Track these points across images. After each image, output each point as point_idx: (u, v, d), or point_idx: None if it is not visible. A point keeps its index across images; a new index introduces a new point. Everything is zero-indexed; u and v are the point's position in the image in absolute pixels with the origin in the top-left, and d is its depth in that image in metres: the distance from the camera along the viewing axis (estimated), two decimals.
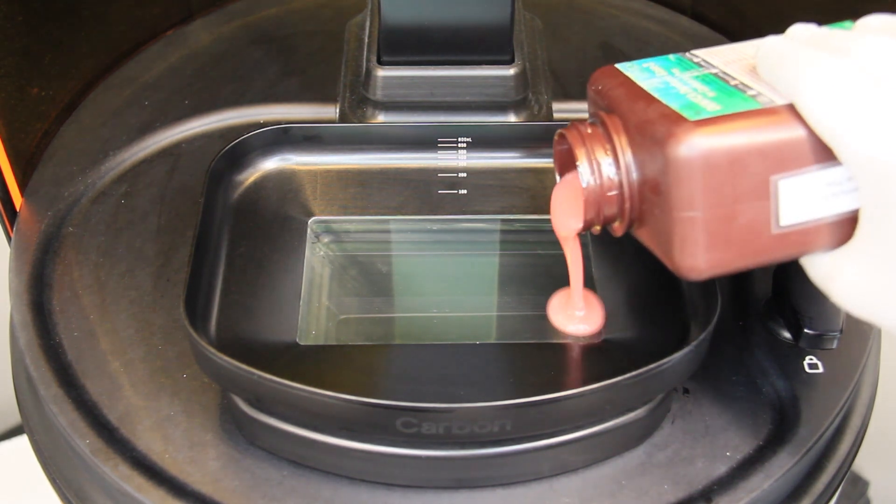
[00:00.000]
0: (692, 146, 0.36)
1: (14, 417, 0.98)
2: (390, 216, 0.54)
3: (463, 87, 0.58)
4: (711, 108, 0.38)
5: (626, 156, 0.40)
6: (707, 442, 0.47)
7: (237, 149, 0.54)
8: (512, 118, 0.58)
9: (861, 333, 0.51)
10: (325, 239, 0.54)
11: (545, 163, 0.56)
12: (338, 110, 0.60)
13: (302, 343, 0.48)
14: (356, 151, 0.56)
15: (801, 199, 0.38)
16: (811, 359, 0.50)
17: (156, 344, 0.50)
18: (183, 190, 0.57)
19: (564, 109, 0.60)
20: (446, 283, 0.56)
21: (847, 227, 0.38)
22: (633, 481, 0.45)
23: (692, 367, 0.44)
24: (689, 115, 0.37)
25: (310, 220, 0.53)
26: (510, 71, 0.58)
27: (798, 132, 0.37)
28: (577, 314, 0.49)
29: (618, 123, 0.40)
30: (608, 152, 0.40)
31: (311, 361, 0.47)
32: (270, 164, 0.55)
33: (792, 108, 0.37)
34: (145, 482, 0.45)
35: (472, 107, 0.58)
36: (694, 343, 0.43)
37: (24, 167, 0.59)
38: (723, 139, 0.37)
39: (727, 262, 0.39)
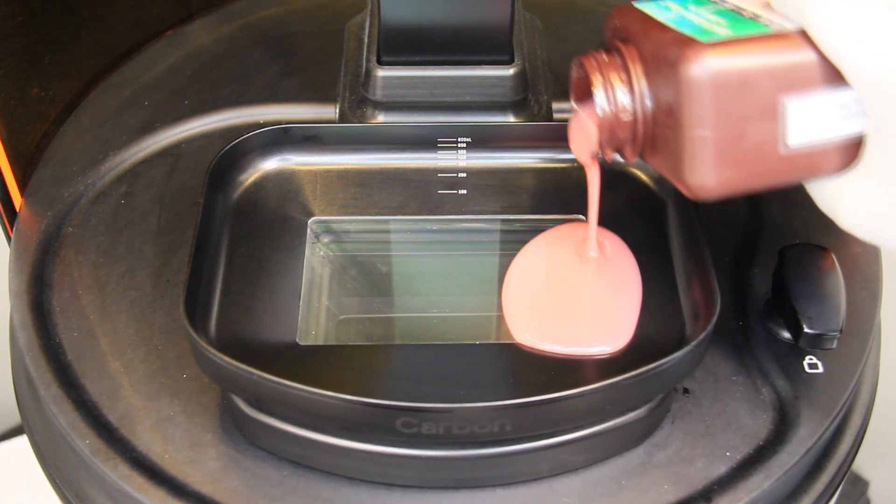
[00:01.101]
0: (704, 66, 0.38)
1: (14, 417, 0.98)
2: (390, 216, 0.54)
3: (463, 87, 0.58)
4: (724, 33, 0.39)
5: (641, 82, 0.41)
6: (707, 442, 0.47)
7: (237, 149, 0.54)
8: (512, 118, 0.58)
9: (861, 333, 0.51)
10: (325, 239, 0.54)
11: (545, 162, 0.56)
12: (338, 110, 0.60)
13: (302, 343, 0.48)
14: (356, 151, 0.56)
15: (809, 121, 0.39)
16: (811, 359, 0.50)
17: (156, 344, 0.50)
18: (183, 190, 0.57)
19: (564, 109, 0.60)
20: (446, 283, 0.56)
21: (854, 151, 0.39)
22: (633, 481, 0.45)
23: (692, 367, 0.44)
24: (702, 39, 0.39)
25: (310, 220, 0.53)
26: (510, 71, 0.58)
27: (807, 54, 0.38)
28: (590, 254, 0.49)
29: (633, 51, 0.42)
30: (623, 78, 0.42)
31: (311, 361, 0.47)
32: (270, 164, 0.55)
33: (802, 33, 0.38)
34: (145, 482, 0.45)
35: (472, 107, 0.58)
36: (694, 343, 0.43)
37: (24, 167, 0.59)
38: (733, 59, 0.38)
39: (736, 181, 0.40)
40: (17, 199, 0.58)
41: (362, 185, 0.55)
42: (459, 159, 0.56)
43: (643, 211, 0.53)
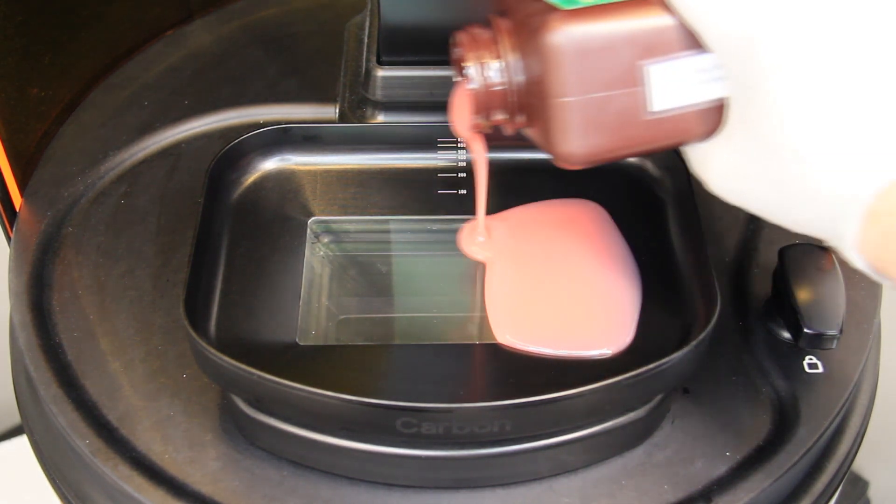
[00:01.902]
0: (561, 33, 0.38)
1: (14, 417, 0.98)
2: (390, 216, 0.54)
3: None
4: (587, 0, 0.39)
5: (511, 54, 0.42)
6: (707, 442, 0.47)
7: (237, 149, 0.54)
8: None
9: (861, 333, 0.51)
10: (325, 239, 0.54)
11: (546, 162, 0.56)
12: (337, 110, 0.60)
13: (302, 343, 0.48)
14: (356, 151, 0.56)
15: (671, 86, 0.39)
16: (811, 359, 0.50)
17: (156, 344, 0.50)
18: (183, 190, 0.57)
19: None
20: (446, 283, 0.56)
21: (719, 116, 0.40)
22: (633, 481, 0.45)
23: (692, 367, 0.44)
24: (564, 6, 0.39)
25: (309, 220, 0.53)
26: None
27: (666, 19, 0.39)
28: (478, 238, 0.50)
29: (506, 24, 0.42)
30: (494, 52, 0.42)
31: (311, 361, 0.47)
32: (270, 164, 0.55)
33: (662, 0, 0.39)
34: (145, 482, 0.45)
35: None
36: (694, 343, 0.43)
37: (24, 167, 0.59)
38: (591, 26, 0.39)
39: (603, 148, 0.40)
40: (17, 199, 0.58)
41: (362, 185, 0.55)
42: (459, 159, 0.56)
43: (643, 211, 0.53)
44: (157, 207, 0.57)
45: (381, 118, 0.58)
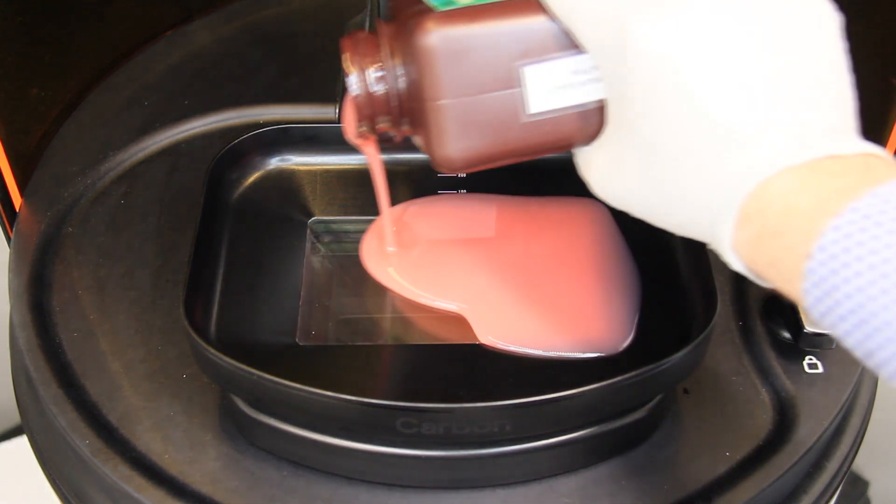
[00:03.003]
0: (435, 34, 0.38)
1: (14, 417, 0.98)
2: None
3: None
4: (463, 2, 0.39)
5: (392, 59, 0.41)
6: (707, 442, 0.47)
7: (237, 149, 0.54)
8: None
9: None
10: (325, 239, 0.54)
11: (546, 161, 0.56)
12: (337, 110, 0.60)
13: (302, 343, 0.48)
14: (356, 151, 0.56)
15: (548, 88, 0.38)
16: (811, 359, 0.50)
17: (156, 344, 0.50)
18: (183, 190, 0.57)
19: None
20: None
21: (602, 118, 0.39)
22: (633, 481, 0.45)
23: (691, 367, 0.44)
24: (440, 8, 0.39)
25: (310, 220, 0.53)
26: None
27: (542, 20, 0.38)
28: (388, 249, 0.50)
29: (388, 28, 0.41)
30: (376, 57, 0.41)
31: (311, 361, 0.47)
32: (270, 164, 0.55)
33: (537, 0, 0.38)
34: (145, 482, 0.45)
35: None
36: (693, 343, 0.43)
37: (24, 167, 0.59)
38: (466, 26, 0.38)
39: (482, 151, 0.39)
40: (17, 199, 0.58)
41: (362, 185, 0.55)
42: None
43: None
44: (157, 207, 0.57)
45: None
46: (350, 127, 0.44)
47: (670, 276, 0.49)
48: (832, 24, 0.35)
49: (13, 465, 0.93)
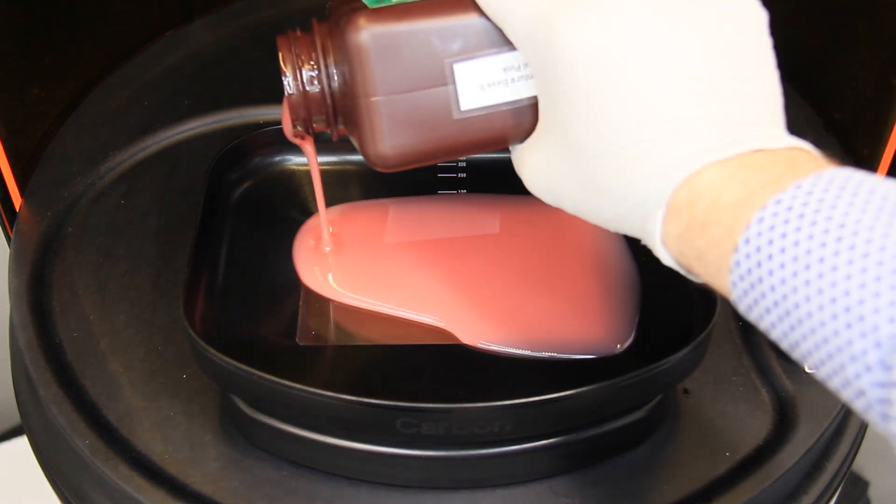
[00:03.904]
0: (365, 30, 0.38)
1: (14, 417, 0.98)
2: None
3: None
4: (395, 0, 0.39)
5: (326, 60, 0.41)
6: (707, 442, 0.47)
7: (237, 149, 0.54)
8: None
9: None
10: None
11: None
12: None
13: (301, 343, 0.48)
14: (356, 151, 0.56)
15: (479, 85, 0.38)
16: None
17: (156, 344, 0.50)
18: (183, 190, 0.57)
19: None
20: None
21: (535, 115, 0.39)
22: (633, 481, 0.45)
23: (691, 367, 0.44)
24: (371, 5, 0.39)
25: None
26: None
27: (472, 16, 0.38)
28: (324, 248, 0.50)
29: (322, 27, 0.41)
30: (310, 56, 0.41)
31: (311, 361, 0.47)
32: (270, 164, 0.55)
33: None
34: (145, 482, 0.45)
35: None
36: (693, 343, 0.43)
37: (24, 167, 0.59)
38: (396, 22, 0.38)
39: (415, 149, 0.39)
40: (17, 199, 0.58)
41: (362, 184, 0.55)
42: (459, 159, 0.56)
43: None
44: (157, 207, 0.57)
45: None
46: (287, 126, 0.44)
47: (670, 276, 0.49)
48: (757, 19, 0.35)
49: (13, 465, 0.93)
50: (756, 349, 0.50)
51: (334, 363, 0.47)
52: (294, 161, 0.56)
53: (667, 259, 0.34)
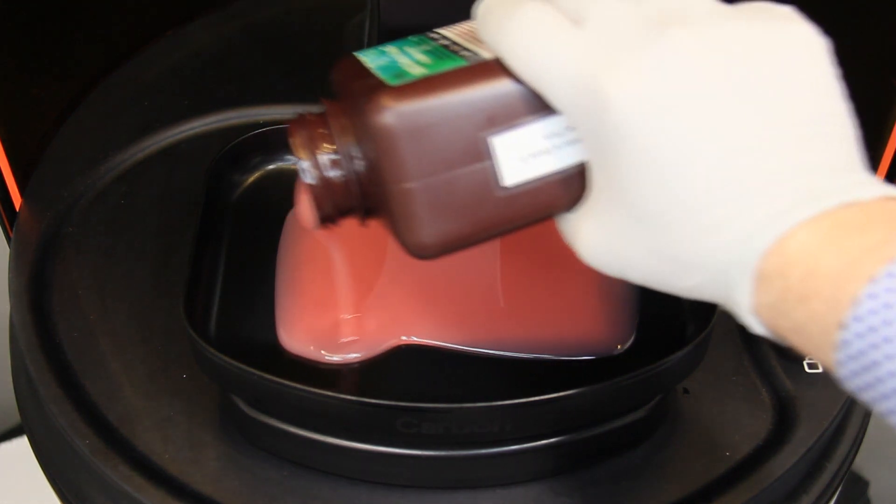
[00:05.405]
0: (389, 111, 0.34)
1: (14, 417, 0.98)
2: None
3: None
4: (417, 72, 0.35)
5: (346, 142, 0.37)
6: (707, 442, 0.47)
7: (237, 149, 0.54)
8: None
9: None
10: None
11: None
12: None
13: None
14: None
15: (520, 156, 0.35)
16: (811, 359, 0.50)
17: (156, 344, 0.50)
18: (183, 190, 0.57)
19: None
20: None
21: (583, 181, 0.35)
22: (634, 481, 0.45)
23: (691, 367, 0.44)
24: (392, 82, 0.35)
25: None
26: None
27: (503, 84, 0.34)
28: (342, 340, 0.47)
29: (336, 106, 0.38)
30: (328, 140, 0.38)
31: (311, 361, 0.47)
32: (270, 164, 0.55)
33: (498, 61, 0.35)
34: (145, 482, 0.45)
35: None
36: (693, 343, 0.43)
37: (24, 167, 0.59)
38: (424, 100, 0.34)
39: (457, 233, 0.36)
40: (17, 199, 0.58)
41: None
42: None
43: None
44: (157, 207, 0.57)
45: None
46: (308, 217, 0.39)
47: None
48: (819, 49, 0.32)
49: (13, 465, 0.93)
50: (756, 349, 0.50)
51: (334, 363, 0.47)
52: (294, 161, 0.55)
53: (757, 328, 0.31)
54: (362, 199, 0.38)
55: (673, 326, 0.47)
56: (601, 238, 0.34)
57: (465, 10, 0.56)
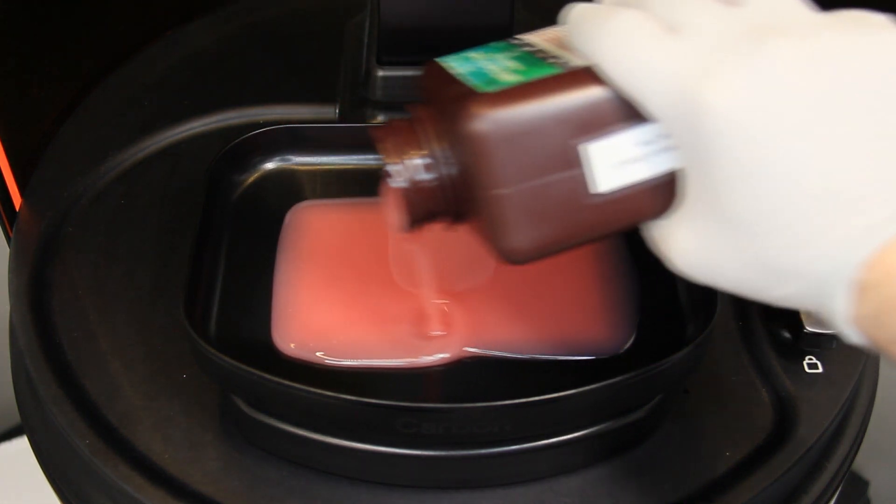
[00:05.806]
0: (486, 119, 0.35)
1: (14, 417, 0.98)
2: None
3: None
4: (509, 79, 0.36)
5: (437, 147, 0.38)
6: (707, 442, 0.47)
7: (237, 149, 0.54)
8: None
9: None
10: None
11: None
12: (338, 110, 0.60)
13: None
14: (356, 151, 0.56)
15: (615, 163, 0.35)
16: (811, 359, 0.50)
17: (156, 344, 0.50)
18: (183, 190, 0.57)
19: None
20: None
21: (673, 189, 0.36)
22: (633, 481, 0.45)
23: (691, 367, 0.44)
24: (485, 89, 0.35)
25: None
26: None
27: (598, 91, 0.35)
28: (431, 332, 0.47)
29: (426, 111, 0.39)
30: (418, 145, 0.38)
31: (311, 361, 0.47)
32: (270, 164, 0.55)
33: (592, 69, 0.35)
34: (145, 482, 0.45)
35: None
36: (693, 343, 0.43)
37: (24, 167, 0.59)
38: (518, 108, 0.35)
39: (551, 239, 0.36)
40: (17, 199, 0.58)
41: (361, 185, 0.55)
42: None
43: None
44: (157, 207, 0.57)
45: (381, 118, 0.58)
46: (398, 221, 0.40)
47: (670, 277, 0.49)
48: None
49: (13, 465, 0.93)
50: (756, 349, 0.50)
51: (334, 363, 0.47)
52: (294, 161, 0.56)
53: (854, 338, 0.31)
54: (454, 203, 0.38)
55: (673, 326, 0.47)
56: (694, 246, 0.34)
57: (466, 11, 0.57)
